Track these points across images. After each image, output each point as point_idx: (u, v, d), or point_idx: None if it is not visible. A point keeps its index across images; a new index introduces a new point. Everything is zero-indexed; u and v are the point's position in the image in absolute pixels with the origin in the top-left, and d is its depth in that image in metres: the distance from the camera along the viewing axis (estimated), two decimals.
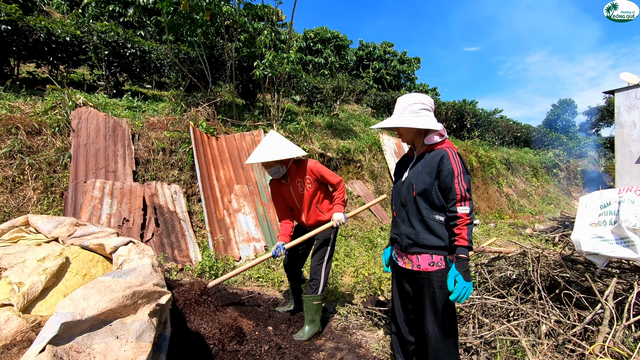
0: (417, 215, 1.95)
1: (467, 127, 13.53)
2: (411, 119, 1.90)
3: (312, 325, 2.85)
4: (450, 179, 1.81)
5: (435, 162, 1.88)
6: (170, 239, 4.39)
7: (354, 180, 7.94)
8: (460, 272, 1.76)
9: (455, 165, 1.83)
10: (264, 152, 2.74)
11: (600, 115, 23.21)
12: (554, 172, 15.49)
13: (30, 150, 4.30)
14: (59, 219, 2.30)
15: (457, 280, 1.76)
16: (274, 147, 2.76)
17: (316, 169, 2.84)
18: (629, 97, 11.25)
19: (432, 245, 1.91)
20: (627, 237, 2.36)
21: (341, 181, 2.92)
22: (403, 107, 1.94)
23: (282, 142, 2.82)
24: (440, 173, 1.85)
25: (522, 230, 8.17)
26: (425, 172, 1.91)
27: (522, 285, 2.98)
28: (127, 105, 6.12)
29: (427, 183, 1.89)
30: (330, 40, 18.24)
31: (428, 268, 1.92)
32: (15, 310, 1.46)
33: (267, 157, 2.69)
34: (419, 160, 2.01)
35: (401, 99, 1.97)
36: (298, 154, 2.77)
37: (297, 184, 2.86)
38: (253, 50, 7.53)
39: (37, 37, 5.78)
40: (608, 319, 2.32)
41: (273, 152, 2.71)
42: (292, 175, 2.88)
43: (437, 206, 1.90)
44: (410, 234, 1.97)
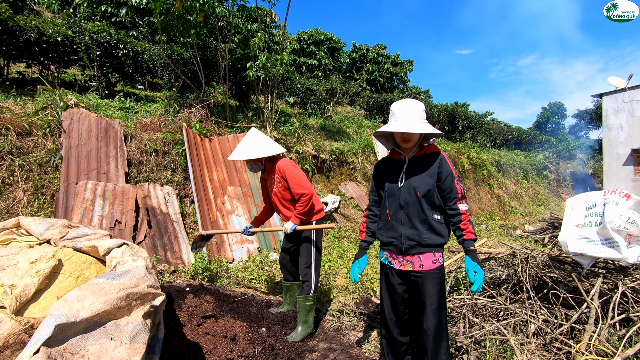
0: (419, 216, 2.02)
1: (459, 129, 13.68)
2: (428, 126, 1.97)
3: (304, 326, 2.88)
4: (451, 180, 1.98)
5: (433, 164, 2.01)
6: (163, 240, 4.38)
7: (347, 181, 7.98)
8: (477, 263, 1.93)
9: (452, 168, 2.00)
10: (242, 150, 2.92)
11: (589, 118, 23.65)
12: (544, 174, 15.74)
13: (20, 151, 4.25)
14: (50, 221, 2.29)
15: (476, 271, 1.91)
16: (249, 146, 2.91)
17: (283, 170, 2.85)
18: (616, 101, 11.50)
19: (434, 244, 2.02)
20: (611, 238, 2.42)
21: (307, 194, 2.80)
22: (417, 113, 1.95)
23: (256, 142, 2.92)
24: (441, 174, 1.99)
25: (512, 231, 8.29)
26: (426, 174, 2.01)
27: (511, 286, 3.04)
28: (120, 106, 6.08)
29: (430, 185, 1.99)
30: (323, 42, 18.30)
31: (431, 266, 2.02)
32: (7, 313, 1.45)
33: (237, 156, 2.91)
34: (412, 163, 2.07)
35: (410, 106, 1.98)
36: (267, 154, 2.86)
37: (271, 180, 3.00)
38: (247, 51, 7.55)
39: (28, 36, 5.73)
40: (594, 318, 2.38)
41: (244, 152, 2.89)
42: (268, 172, 3.03)
43: (437, 206, 2.02)
44: (413, 235, 2.03)
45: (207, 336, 2.49)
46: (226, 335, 2.54)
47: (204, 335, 2.49)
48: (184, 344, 2.37)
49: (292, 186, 2.81)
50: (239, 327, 2.69)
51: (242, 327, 2.70)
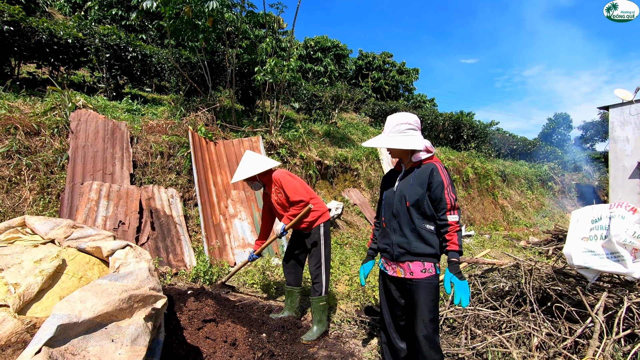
0: (409, 225, 2.06)
1: (464, 138, 13.66)
2: (397, 139, 2.05)
3: (319, 325, 3.01)
4: (441, 190, 1.97)
5: (425, 174, 2.02)
6: (165, 242, 4.39)
7: (351, 188, 7.97)
8: (454, 274, 1.90)
9: (444, 178, 1.99)
10: (237, 171, 3.12)
11: (594, 130, 23.53)
12: (548, 185, 15.63)
13: (28, 150, 4.30)
14: (55, 220, 2.30)
15: (452, 282, 1.89)
16: (245, 166, 3.08)
17: (279, 181, 3.00)
18: (622, 113, 11.45)
19: (423, 253, 2.02)
20: (617, 252, 2.40)
21: (303, 202, 2.91)
22: (391, 127, 2.08)
23: (249, 162, 3.08)
24: (431, 185, 2.00)
25: (516, 242, 8.22)
26: (417, 184, 2.04)
27: (514, 298, 3.01)
28: (127, 108, 6.15)
29: (419, 194, 2.02)
30: (330, 49, 18.43)
31: (420, 275, 2.02)
32: (10, 311, 1.46)
33: (235, 178, 3.10)
34: (407, 173, 2.14)
35: (390, 119, 2.11)
36: (258, 171, 3.00)
37: (272, 192, 3.13)
38: (254, 57, 7.61)
39: (39, 38, 5.82)
40: (598, 332, 2.35)
41: (240, 173, 3.07)
42: (268, 185, 3.17)
43: (428, 216, 2.03)
44: (402, 243, 2.08)
45: (207, 340, 2.48)
46: (226, 339, 2.53)
47: (204, 339, 2.49)
48: (184, 347, 2.36)
49: (289, 195, 2.95)
50: (239, 332, 2.68)
51: (242, 332, 2.69)
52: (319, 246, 3.03)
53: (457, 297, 1.86)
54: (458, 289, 1.87)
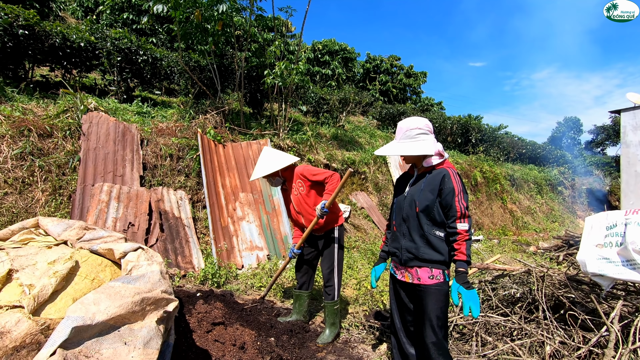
0: (418, 230, 2.05)
1: (472, 142, 13.55)
2: (408, 146, 2.03)
3: (332, 327, 3.04)
4: (451, 197, 1.93)
5: (437, 180, 1.99)
6: (174, 244, 4.41)
7: (358, 191, 7.95)
8: (461, 284, 1.87)
9: (456, 184, 1.95)
10: (257, 168, 3.06)
11: (606, 134, 23.18)
12: (558, 190, 15.41)
13: (40, 152, 4.36)
14: (68, 222, 2.33)
15: (460, 292, 1.87)
16: (265, 162, 3.03)
17: (302, 171, 3.00)
18: (635, 117, 11.25)
19: (431, 260, 2.00)
20: (633, 259, 2.35)
21: (331, 174, 2.91)
22: (401, 133, 2.06)
23: (272, 157, 3.04)
24: (442, 191, 1.96)
25: (526, 247, 8.11)
26: (428, 189, 2.02)
27: (526, 304, 2.96)
28: (137, 110, 6.21)
29: (429, 200, 1.99)
30: (338, 52, 18.46)
31: (428, 281, 2.00)
32: (25, 313, 1.47)
33: (256, 174, 3.03)
34: (419, 178, 2.13)
35: (400, 125, 2.09)
36: (283, 165, 2.96)
37: (293, 188, 3.08)
38: (262, 60, 7.65)
39: (53, 41, 5.91)
40: (614, 342, 2.30)
41: (262, 169, 3.01)
42: (289, 182, 3.13)
43: (438, 222, 2.00)
44: (411, 248, 2.06)
45: (216, 343, 2.48)
46: (235, 343, 2.53)
47: (213, 343, 2.49)
48: (193, 350, 2.36)
49: (318, 177, 2.93)
50: (247, 336, 2.67)
51: (250, 336, 2.68)
52: (333, 249, 3.02)
53: (466, 307, 1.84)
54: (466, 299, 1.84)
